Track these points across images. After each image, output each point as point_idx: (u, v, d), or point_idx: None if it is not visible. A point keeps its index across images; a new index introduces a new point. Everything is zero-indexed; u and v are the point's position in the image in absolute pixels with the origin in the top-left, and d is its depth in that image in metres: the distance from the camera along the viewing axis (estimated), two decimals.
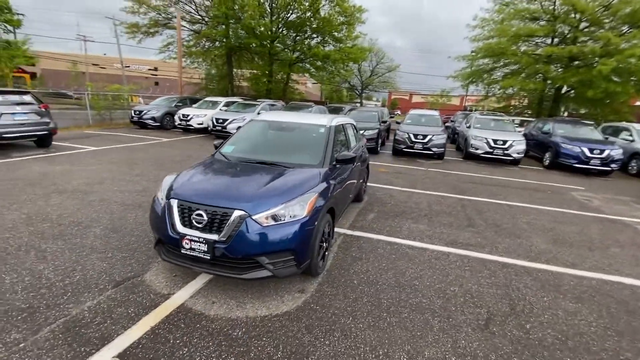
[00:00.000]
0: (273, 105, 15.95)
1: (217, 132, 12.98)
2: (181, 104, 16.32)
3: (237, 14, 19.45)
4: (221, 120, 13.12)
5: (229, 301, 2.78)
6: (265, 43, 21.37)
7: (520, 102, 23.08)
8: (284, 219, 2.66)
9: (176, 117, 14.72)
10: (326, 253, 3.39)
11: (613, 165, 9.83)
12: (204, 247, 2.57)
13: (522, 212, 5.82)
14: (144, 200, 5.08)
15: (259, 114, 10.74)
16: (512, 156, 10.56)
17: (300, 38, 22.68)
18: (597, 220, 5.65)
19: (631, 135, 11.17)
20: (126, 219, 4.38)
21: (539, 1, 17.65)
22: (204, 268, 2.67)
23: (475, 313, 2.80)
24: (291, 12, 21.37)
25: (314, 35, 22.67)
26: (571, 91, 18.54)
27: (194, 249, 2.61)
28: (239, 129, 4.26)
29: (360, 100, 47.15)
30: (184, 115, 14.42)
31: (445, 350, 2.35)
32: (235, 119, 12.82)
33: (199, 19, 22.70)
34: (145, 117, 14.85)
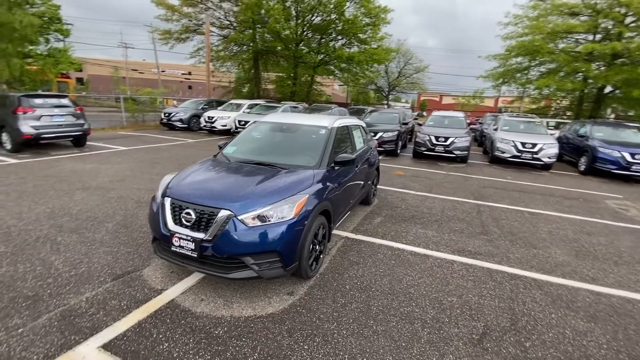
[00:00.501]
0: (295, 108, 16.11)
1: None
2: (207, 106, 16.91)
3: (263, 18, 19.88)
4: (243, 122, 13.45)
5: (217, 299, 2.82)
6: (291, 46, 21.66)
7: (558, 104, 21.62)
8: (271, 220, 2.66)
9: (202, 119, 15.28)
10: (321, 256, 3.35)
11: None
12: (192, 245, 2.62)
13: (544, 220, 5.42)
14: None
15: None
16: (542, 160, 9.89)
17: (325, 40, 22.75)
18: (631, 232, 5.14)
19: None
20: (137, 215, 4.59)
21: None
22: (193, 266, 2.72)
23: (470, 326, 2.63)
24: (316, 15, 21.50)
25: (339, 37, 22.64)
26: (615, 91, 17.09)
27: (182, 247, 2.67)
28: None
29: (387, 102, 46.39)
30: (209, 118, 14.94)
31: None
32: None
33: (228, 24, 23.48)
34: (173, 119, 15.57)
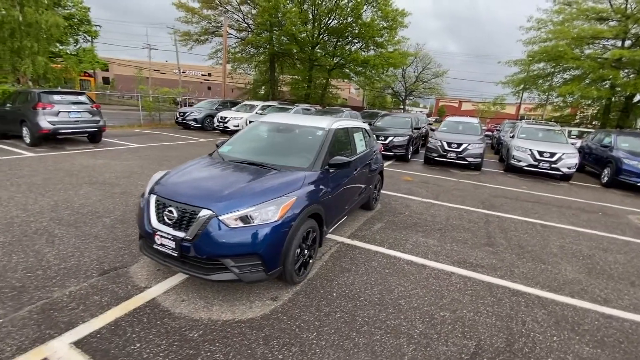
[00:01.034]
0: (308, 110, 16.12)
1: None
2: (222, 106, 17.15)
3: (280, 21, 20.06)
4: None
5: (197, 301, 2.75)
6: (306, 49, 21.74)
7: (582, 112, 20.67)
8: (254, 222, 2.57)
9: (215, 119, 15.49)
10: (310, 261, 3.24)
11: None
12: (172, 244, 2.57)
13: (557, 234, 5.11)
14: None
15: None
16: (561, 171, 9.42)
17: (341, 44, 22.72)
18: None
19: None
20: (136, 211, 4.61)
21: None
22: (175, 265, 2.67)
23: (460, 345, 2.45)
24: (332, 18, 21.51)
25: (355, 41, 22.55)
26: None
27: (164, 245, 2.63)
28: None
29: (403, 107, 45.82)
30: (222, 118, 15.12)
31: None
32: None
33: (245, 27, 23.83)
34: (188, 118, 15.87)
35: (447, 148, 10.12)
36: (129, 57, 52.07)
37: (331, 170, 3.50)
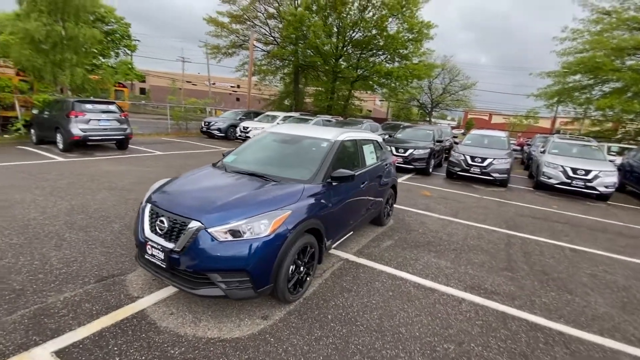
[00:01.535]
0: (329, 121, 16.12)
1: None
2: (245, 117, 17.57)
3: (305, 34, 20.43)
4: None
5: (186, 315, 2.67)
6: (330, 61, 21.93)
7: (623, 127, 19.20)
8: (244, 236, 2.47)
9: (238, 129, 15.86)
10: (307, 279, 3.09)
11: None
12: (161, 255, 2.52)
13: (589, 260, 4.62)
14: None
15: None
16: (597, 190, 8.67)
17: (365, 56, 22.73)
18: None
19: None
20: None
21: None
22: (164, 277, 2.61)
23: None
24: (357, 31, 21.62)
25: (380, 53, 22.49)
26: None
27: (154, 255, 2.58)
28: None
29: (429, 119, 44.88)
30: (244, 128, 15.46)
31: None
32: None
33: (272, 40, 24.50)
34: (212, 128, 16.37)
35: (470, 162, 9.67)
36: (165, 69, 55.12)
37: (334, 184, 3.35)
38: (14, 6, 11.32)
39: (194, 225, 2.45)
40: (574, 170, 8.81)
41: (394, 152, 10.57)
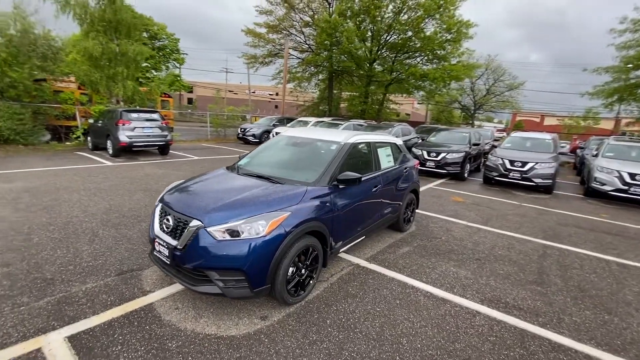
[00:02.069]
0: (360, 125, 16.00)
1: None
2: (278, 123, 18.04)
3: (339, 39, 20.54)
4: None
5: (189, 311, 2.77)
6: (363, 65, 21.79)
7: None
8: (242, 235, 2.52)
9: (271, 135, 16.33)
10: (310, 282, 3.06)
11: None
12: (166, 252, 2.65)
13: (638, 277, 4.05)
14: None
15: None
16: None
17: (400, 58, 22.26)
18: None
19: None
20: None
21: None
22: (171, 273, 2.75)
23: None
24: (392, 34, 21.27)
25: (415, 55, 21.89)
26: None
27: (160, 252, 2.73)
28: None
29: (472, 122, 42.59)
30: (276, 133, 15.85)
31: None
32: None
33: (307, 47, 24.97)
34: (247, 134, 17.04)
35: (509, 167, 9.01)
36: (210, 79, 58.61)
37: (341, 187, 3.31)
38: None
39: (194, 224, 2.55)
40: (632, 176, 7.81)
41: (426, 156, 10.19)
